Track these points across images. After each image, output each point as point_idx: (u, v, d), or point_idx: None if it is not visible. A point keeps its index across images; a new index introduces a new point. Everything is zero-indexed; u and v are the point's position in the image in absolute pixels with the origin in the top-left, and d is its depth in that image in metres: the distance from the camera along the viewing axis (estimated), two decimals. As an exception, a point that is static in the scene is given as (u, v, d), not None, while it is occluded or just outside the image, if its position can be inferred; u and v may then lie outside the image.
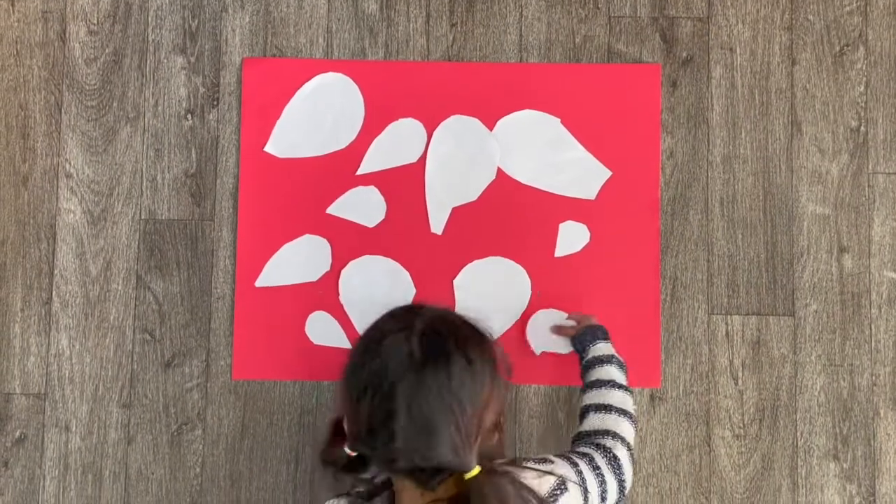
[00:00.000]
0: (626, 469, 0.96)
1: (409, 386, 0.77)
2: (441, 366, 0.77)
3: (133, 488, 1.25)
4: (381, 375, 0.78)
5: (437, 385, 0.77)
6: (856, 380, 1.25)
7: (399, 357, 0.78)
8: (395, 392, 0.77)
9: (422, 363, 0.77)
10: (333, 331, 1.26)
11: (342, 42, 1.31)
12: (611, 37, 1.31)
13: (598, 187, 1.28)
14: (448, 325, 0.82)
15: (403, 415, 0.76)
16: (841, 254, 1.27)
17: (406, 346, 0.78)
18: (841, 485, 1.24)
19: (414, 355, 0.78)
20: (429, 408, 0.76)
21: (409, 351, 0.78)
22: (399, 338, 0.79)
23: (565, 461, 0.91)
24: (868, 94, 1.30)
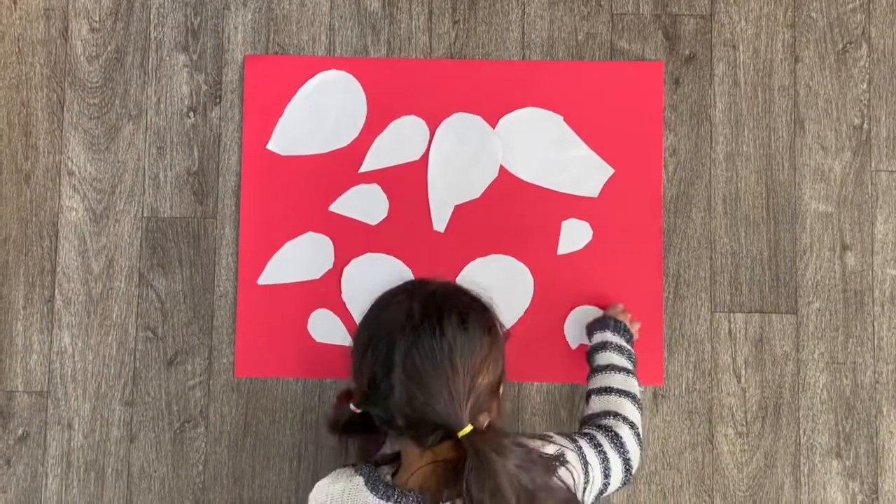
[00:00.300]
0: (631, 447, 0.99)
1: (406, 342, 0.82)
2: (435, 324, 0.83)
3: (136, 486, 1.25)
4: (383, 331, 0.84)
5: (431, 342, 0.82)
6: (858, 377, 1.25)
7: (400, 316, 0.84)
8: (394, 347, 0.83)
9: (419, 321, 0.83)
10: (336, 328, 1.26)
11: (344, 39, 1.31)
12: (613, 34, 1.31)
13: (600, 185, 1.28)
14: (450, 292, 0.89)
15: (400, 369, 0.82)
16: (844, 251, 1.27)
17: (407, 306, 0.85)
18: (844, 482, 1.24)
19: (413, 314, 0.84)
20: (422, 363, 0.81)
21: (408, 310, 0.85)
22: (402, 299, 0.87)
23: (565, 438, 0.94)
24: (871, 91, 1.30)
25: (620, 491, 1.23)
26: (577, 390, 1.25)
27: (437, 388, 0.81)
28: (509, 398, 1.25)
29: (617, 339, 1.14)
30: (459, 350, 0.83)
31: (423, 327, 0.83)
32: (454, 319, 0.84)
